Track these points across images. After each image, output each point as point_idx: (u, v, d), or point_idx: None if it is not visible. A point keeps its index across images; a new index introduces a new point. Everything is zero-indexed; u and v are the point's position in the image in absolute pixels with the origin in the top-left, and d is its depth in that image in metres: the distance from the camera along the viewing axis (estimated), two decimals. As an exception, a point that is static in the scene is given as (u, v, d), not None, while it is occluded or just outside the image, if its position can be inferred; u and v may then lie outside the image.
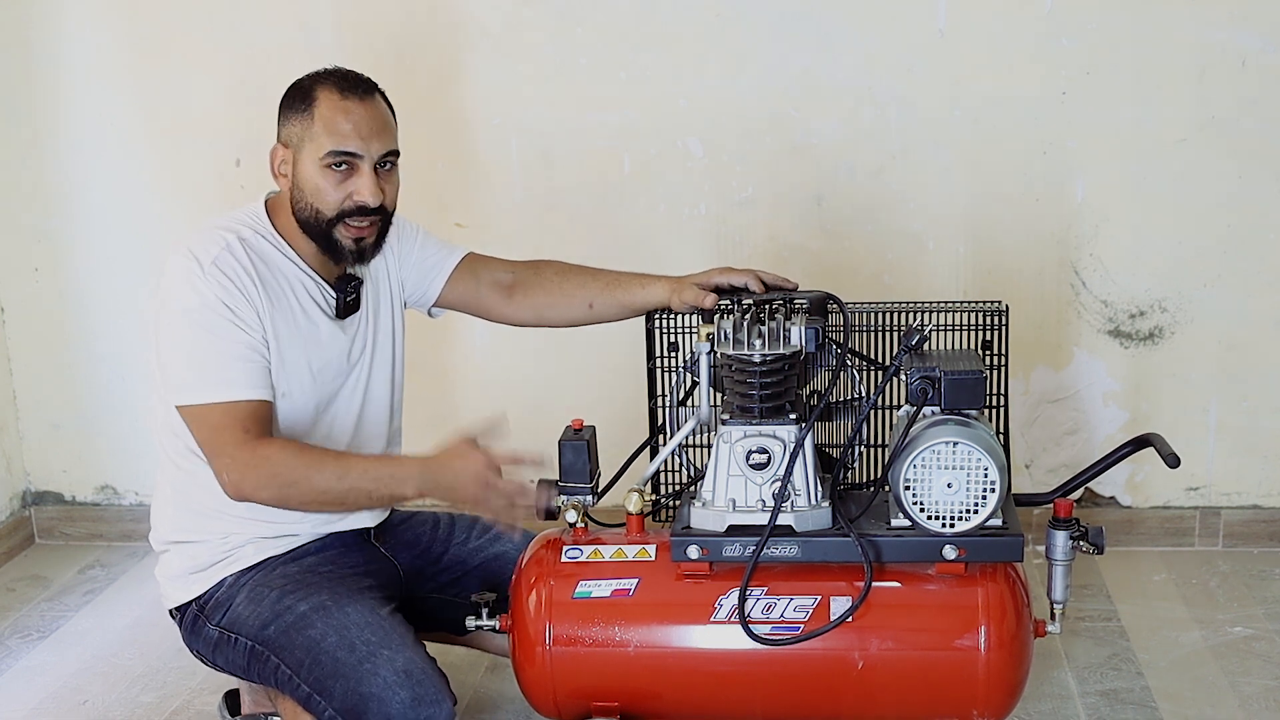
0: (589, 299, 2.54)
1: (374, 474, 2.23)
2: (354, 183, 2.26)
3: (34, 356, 3.55)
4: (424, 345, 3.31)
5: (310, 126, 2.25)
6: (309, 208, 2.28)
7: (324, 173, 2.25)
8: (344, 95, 2.25)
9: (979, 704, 2.21)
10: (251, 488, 2.21)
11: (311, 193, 2.27)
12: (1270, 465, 3.31)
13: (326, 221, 2.27)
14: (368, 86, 2.29)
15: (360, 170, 2.26)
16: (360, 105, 2.26)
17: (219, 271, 2.22)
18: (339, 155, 2.24)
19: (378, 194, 2.27)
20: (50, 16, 3.31)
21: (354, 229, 2.28)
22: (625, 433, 2.54)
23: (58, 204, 3.43)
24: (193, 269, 2.22)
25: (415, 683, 2.17)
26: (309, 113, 2.26)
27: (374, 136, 2.26)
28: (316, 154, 2.25)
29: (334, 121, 2.24)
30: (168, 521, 2.41)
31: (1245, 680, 2.74)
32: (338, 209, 2.27)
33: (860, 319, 2.37)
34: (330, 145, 2.24)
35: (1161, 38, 3.10)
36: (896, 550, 2.19)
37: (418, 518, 2.60)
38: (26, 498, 3.64)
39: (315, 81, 2.28)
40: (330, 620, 2.24)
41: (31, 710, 2.80)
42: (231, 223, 2.31)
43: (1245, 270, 3.20)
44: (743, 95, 3.21)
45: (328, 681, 2.20)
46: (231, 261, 2.24)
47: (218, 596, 2.35)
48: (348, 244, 2.29)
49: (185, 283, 2.22)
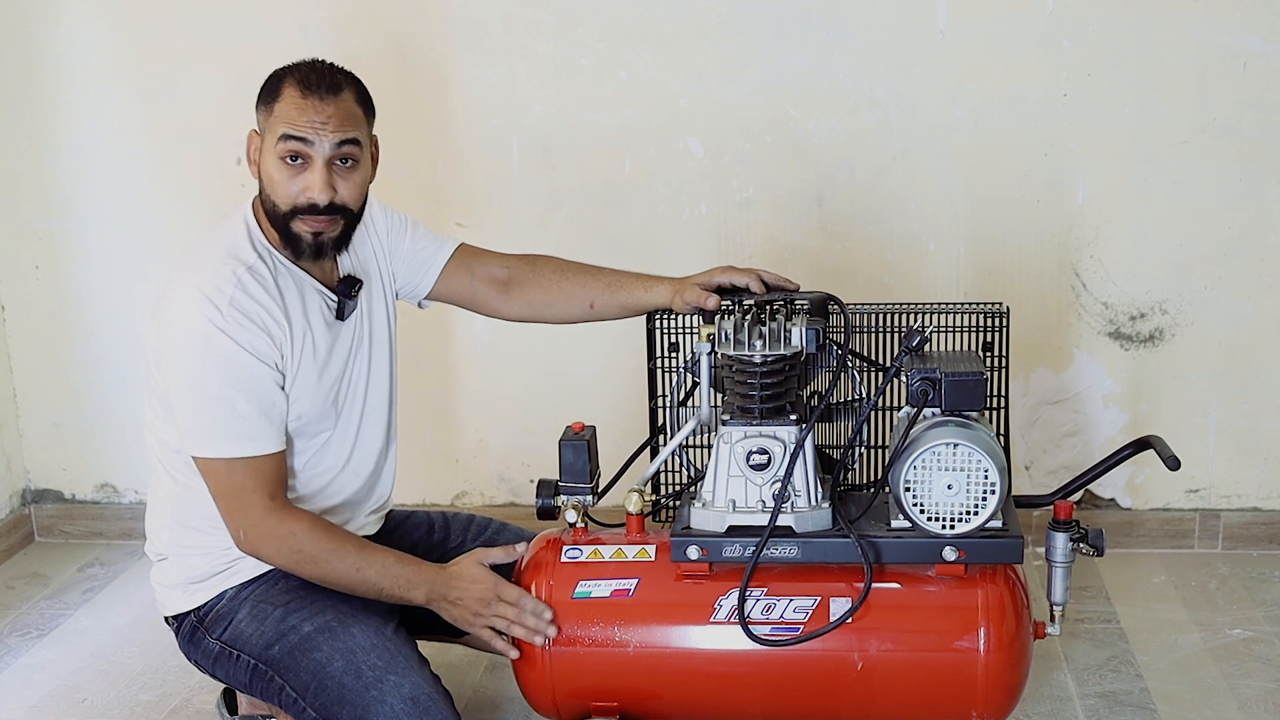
0: (590, 299, 2.52)
1: (391, 573, 2.26)
2: (305, 178, 2.22)
3: (34, 355, 3.55)
4: (424, 344, 3.32)
5: (270, 116, 2.22)
6: (268, 200, 2.25)
7: (279, 165, 2.21)
8: (305, 91, 2.20)
9: (978, 705, 2.21)
10: (268, 553, 2.24)
11: (269, 184, 2.24)
12: (1270, 468, 3.31)
13: (283, 215, 2.24)
14: (332, 83, 2.23)
15: (313, 165, 2.21)
16: (320, 101, 2.20)
17: (238, 313, 2.18)
18: (290, 148, 2.20)
19: (327, 191, 2.21)
20: (50, 15, 3.31)
21: (310, 223, 2.24)
22: (625, 433, 2.54)
23: (58, 203, 3.43)
24: (209, 314, 2.16)
25: (422, 710, 2.16)
26: (272, 103, 2.22)
27: (328, 131, 2.20)
28: (272, 144, 2.22)
29: (288, 114, 2.19)
30: (165, 532, 2.38)
31: (1244, 682, 2.74)
32: (291, 204, 2.22)
33: (861, 320, 2.37)
34: (281, 132, 2.20)
35: (1162, 39, 3.10)
36: (896, 551, 2.19)
37: (412, 520, 2.60)
38: (26, 496, 3.64)
39: (286, 72, 2.24)
40: (336, 643, 2.23)
41: (31, 708, 2.80)
42: (231, 249, 2.25)
43: (1246, 272, 3.20)
44: (743, 95, 3.21)
45: (334, 708, 2.19)
46: (248, 301, 2.19)
47: (218, 609, 2.34)
48: (306, 238, 2.24)
49: (203, 329, 2.16)
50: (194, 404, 2.20)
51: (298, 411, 2.29)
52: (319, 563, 2.23)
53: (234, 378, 2.18)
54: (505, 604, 2.25)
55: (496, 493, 3.51)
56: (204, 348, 2.17)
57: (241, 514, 2.22)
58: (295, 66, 2.26)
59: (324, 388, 2.32)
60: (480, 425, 3.47)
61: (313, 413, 2.31)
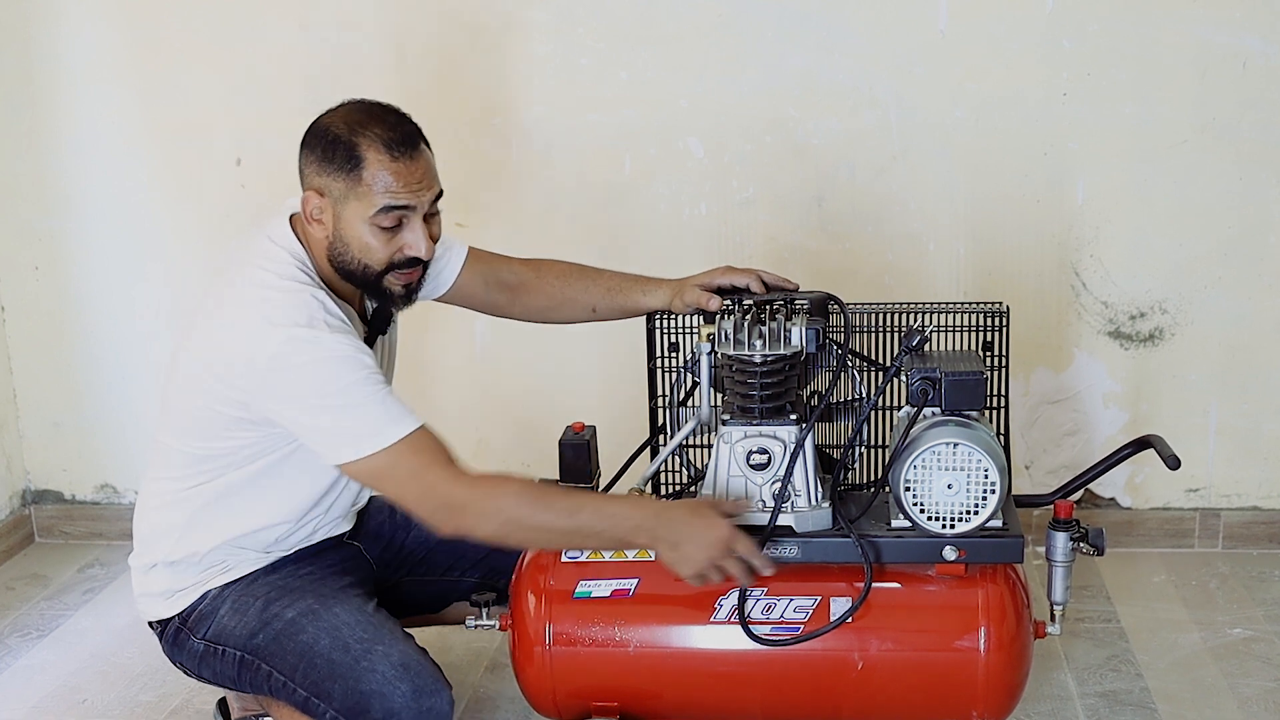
0: (591, 304, 2.53)
1: (607, 513, 2.15)
2: (405, 236, 2.17)
3: (34, 356, 3.55)
4: (424, 345, 3.32)
5: (356, 186, 2.14)
6: (356, 262, 2.18)
7: (374, 232, 2.16)
8: (394, 157, 2.14)
9: (978, 705, 2.21)
10: (473, 523, 2.13)
11: (359, 249, 2.17)
12: (1270, 467, 3.31)
13: (375, 275, 2.19)
14: (413, 140, 2.18)
15: (412, 224, 2.18)
16: (410, 163, 2.15)
17: (327, 327, 2.12)
18: (395, 217, 2.15)
19: (431, 247, 2.20)
20: (50, 15, 3.31)
21: (404, 276, 2.21)
22: (625, 433, 2.54)
23: (58, 203, 3.43)
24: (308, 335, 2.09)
25: (414, 674, 2.17)
26: (356, 173, 2.14)
27: (424, 189, 2.18)
28: (365, 213, 2.14)
29: (386, 182, 2.13)
30: (159, 547, 2.35)
31: (1244, 682, 2.74)
32: (387, 262, 2.18)
33: (861, 320, 2.37)
34: (383, 204, 2.14)
35: (1162, 39, 3.10)
36: (896, 551, 2.19)
37: (373, 505, 2.56)
38: (26, 496, 3.64)
39: (357, 136, 2.15)
40: (320, 623, 2.24)
41: (31, 709, 2.80)
42: (291, 275, 2.17)
43: (1246, 272, 3.20)
44: (743, 95, 3.21)
45: (325, 684, 2.20)
46: (335, 321, 2.14)
47: (200, 609, 2.33)
48: (398, 290, 2.22)
49: (309, 346, 2.09)
50: (331, 413, 2.11)
51: None
52: (530, 520, 2.12)
53: (354, 369, 2.11)
54: (736, 561, 2.13)
55: (496, 493, 3.50)
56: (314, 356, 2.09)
57: (432, 496, 2.12)
58: (364, 126, 2.16)
59: None
60: (480, 425, 3.47)
61: None
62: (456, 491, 2.12)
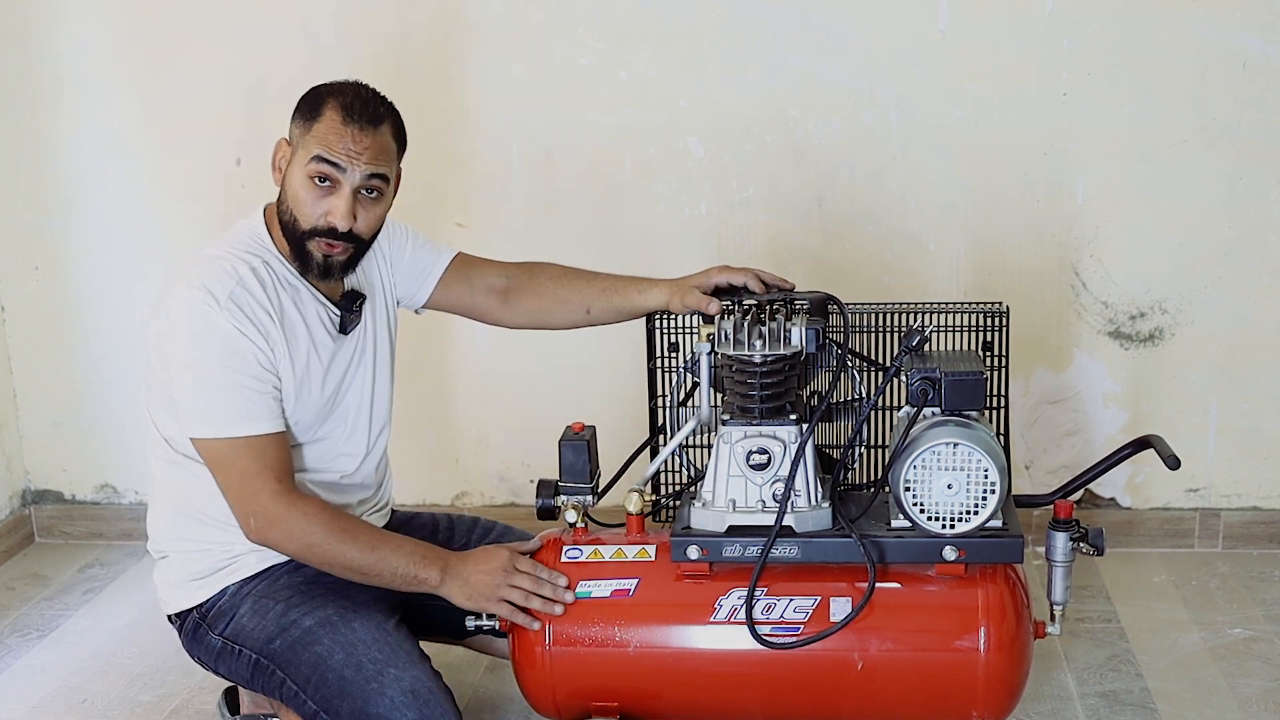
0: (586, 305, 2.53)
1: (405, 552, 2.26)
2: (330, 201, 2.23)
3: (34, 356, 3.55)
4: (424, 345, 3.31)
5: (307, 134, 2.23)
6: (288, 212, 2.26)
7: (307, 183, 2.22)
8: (346, 120, 2.21)
9: (979, 705, 2.21)
10: (278, 539, 2.23)
11: (293, 199, 2.25)
12: (1270, 467, 3.31)
13: (301, 232, 2.25)
14: (374, 114, 2.24)
15: (340, 191, 2.22)
16: (359, 130, 2.21)
17: (234, 306, 2.19)
18: (321, 170, 2.21)
19: (348, 219, 2.23)
20: (50, 15, 3.31)
21: (324, 246, 2.25)
22: (625, 433, 2.54)
23: (58, 203, 3.43)
24: (207, 301, 2.18)
25: (423, 703, 2.17)
26: (310, 122, 2.22)
27: (361, 161, 2.21)
28: (304, 160, 2.22)
29: (326, 137, 2.20)
30: (165, 529, 2.39)
31: (1244, 682, 2.74)
32: (312, 224, 2.24)
33: (860, 320, 2.37)
34: (316, 153, 2.21)
35: (1162, 39, 3.10)
36: (896, 551, 2.19)
37: (417, 521, 2.60)
38: (26, 496, 3.64)
39: (331, 93, 2.24)
40: (337, 636, 2.24)
41: (31, 709, 2.80)
42: (236, 250, 2.27)
43: (1245, 272, 3.20)
44: (743, 96, 3.21)
45: (334, 700, 2.19)
46: (247, 297, 2.21)
47: (220, 605, 2.34)
48: (316, 258, 2.26)
49: (201, 312, 2.18)
50: (193, 383, 2.21)
51: (296, 419, 2.29)
52: (331, 547, 2.21)
53: (232, 355, 2.19)
54: (521, 574, 2.25)
55: (496, 493, 3.51)
56: (203, 328, 2.19)
57: (250, 500, 2.21)
58: (340, 88, 2.26)
59: (324, 398, 2.33)
60: (480, 425, 3.47)
61: (312, 422, 2.32)
62: (271, 506, 2.20)
